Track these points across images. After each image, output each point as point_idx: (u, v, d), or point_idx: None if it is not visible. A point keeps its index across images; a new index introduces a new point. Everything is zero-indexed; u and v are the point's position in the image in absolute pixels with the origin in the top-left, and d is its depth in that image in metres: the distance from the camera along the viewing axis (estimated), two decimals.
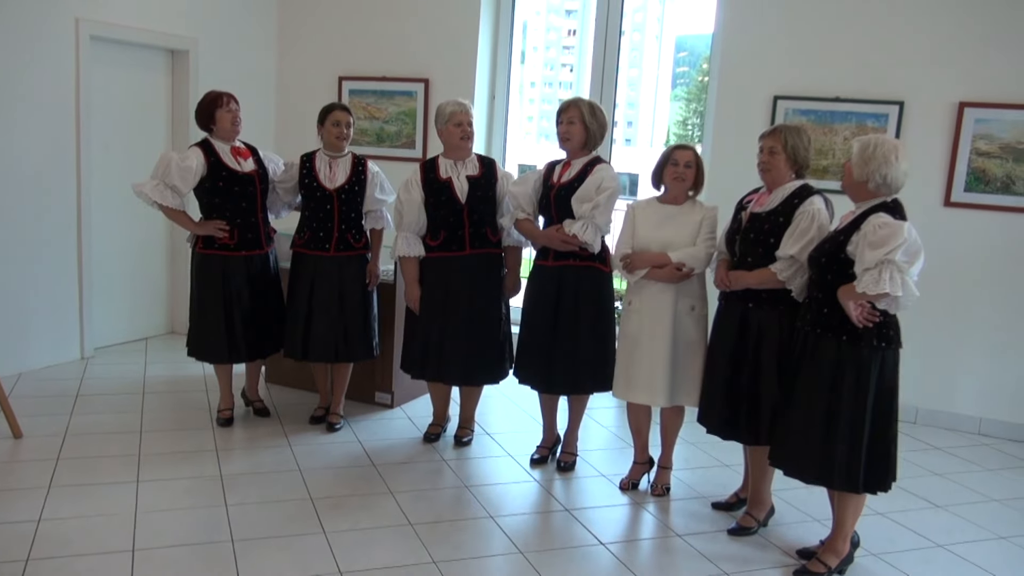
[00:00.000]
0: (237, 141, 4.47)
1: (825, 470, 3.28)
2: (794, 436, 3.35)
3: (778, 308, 3.53)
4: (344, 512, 3.69)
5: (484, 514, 3.78)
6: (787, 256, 3.44)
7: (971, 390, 5.36)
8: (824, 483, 3.34)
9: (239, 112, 4.42)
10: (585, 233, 3.98)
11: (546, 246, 4.14)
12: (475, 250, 4.29)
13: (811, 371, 3.29)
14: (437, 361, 4.36)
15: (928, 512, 4.12)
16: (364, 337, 4.59)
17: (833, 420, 3.23)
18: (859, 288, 3.06)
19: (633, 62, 38.24)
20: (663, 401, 3.89)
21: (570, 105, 4.13)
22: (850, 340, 3.19)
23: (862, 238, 3.11)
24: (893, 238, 3.03)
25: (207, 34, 6.28)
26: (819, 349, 3.26)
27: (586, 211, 4.00)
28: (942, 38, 5.16)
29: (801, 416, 3.31)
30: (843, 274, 3.18)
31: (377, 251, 4.59)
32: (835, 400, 3.23)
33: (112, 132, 5.86)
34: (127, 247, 6.12)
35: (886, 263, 3.02)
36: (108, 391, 5.12)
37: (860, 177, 3.20)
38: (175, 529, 3.45)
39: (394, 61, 6.52)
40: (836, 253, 3.20)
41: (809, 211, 3.45)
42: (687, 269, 3.79)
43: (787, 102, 5.46)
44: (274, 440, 4.49)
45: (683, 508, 3.98)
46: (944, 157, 5.21)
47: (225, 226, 4.40)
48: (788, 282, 3.45)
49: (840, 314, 3.19)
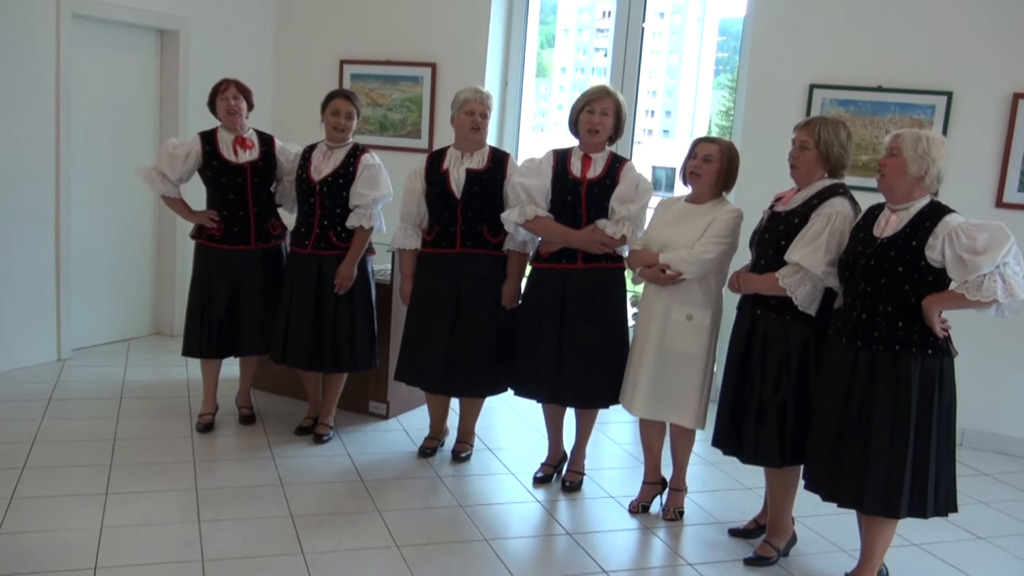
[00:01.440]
0: (247, 131, 4.54)
1: (869, 492, 3.24)
2: (833, 457, 3.30)
3: (784, 317, 3.48)
4: (326, 531, 3.69)
5: (479, 537, 3.76)
6: (792, 261, 3.39)
7: (1023, 410, 5.27)
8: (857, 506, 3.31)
9: (238, 101, 4.48)
10: (632, 235, 3.99)
11: (573, 247, 4.06)
12: (466, 249, 4.25)
13: (889, 392, 3.20)
14: (437, 371, 4.33)
15: (969, 544, 4.04)
16: (350, 346, 4.54)
17: (923, 446, 3.20)
18: (977, 296, 3.02)
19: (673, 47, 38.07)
20: (641, 411, 3.90)
21: (605, 94, 4.07)
22: (935, 354, 3.17)
23: (950, 243, 3.07)
24: (1002, 239, 3.03)
25: (198, 13, 6.31)
26: (898, 367, 3.18)
27: (631, 212, 3.99)
28: (994, 22, 5.08)
29: (886, 446, 3.21)
30: (923, 283, 3.15)
31: (354, 252, 4.45)
32: (923, 419, 3.18)
33: (95, 118, 5.91)
34: (110, 241, 6.16)
35: (1004, 266, 3.02)
36: (84, 395, 5.15)
37: (917, 172, 3.17)
38: (142, 547, 3.45)
39: (399, 44, 6.52)
40: (915, 261, 3.14)
41: (825, 213, 3.40)
42: (672, 272, 3.74)
43: (824, 91, 5.40)
44: (257, 452, 4.49)
45: (697, 534, 3.94)
46: (996, 153, 5.13)
47: (216, 216, 4.50)
48: (789, 289, 3.39)
49: (922, 327, 3.15)
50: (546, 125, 30.33)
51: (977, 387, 5.23)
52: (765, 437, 3.53)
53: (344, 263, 4.44)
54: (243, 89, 4.52)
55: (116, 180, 6.00)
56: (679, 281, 3.75)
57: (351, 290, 4.48)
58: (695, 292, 3.81)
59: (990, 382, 5.27)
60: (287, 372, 4.98)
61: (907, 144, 3.19)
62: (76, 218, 5.79)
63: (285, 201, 4.72)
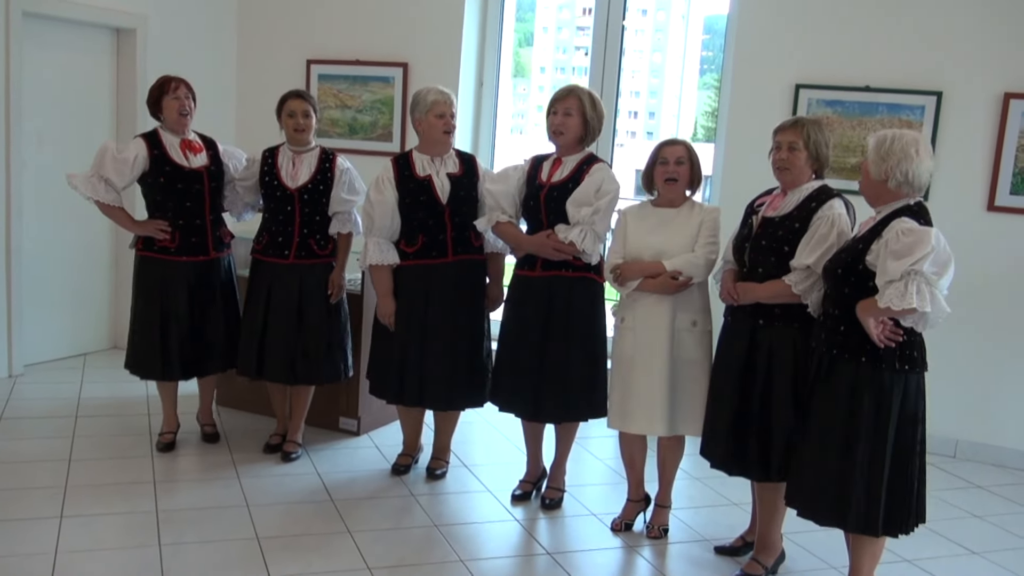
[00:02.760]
0: (191, 133, 4.52)
1: (838, 509, 3.28)
2: (807, 470, 3.36)
3: (792, 326, 3.53)
4: (294, 553, 3.70)
5: (454, 557, 3.78)
6: (803, 266, 3.44)
7: (1018, 421, 5.34)
8: (837, 524, 3.34)
9: (189, 101, 4.47)
10: (584, 241, 3.98)
11: (532, 254, 4.14)
12: (459, 256, 4.30)
13: (826, 397, 3.30)
14: (418, 384, 4.34)
15: (962, 560, 4.10)
16: (330, 357, 4.59)
17: (848, 453, 3.23)
18: (882, 303, 3.06)
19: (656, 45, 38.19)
20: (663, 430, 3.88)
21: (568, 93, 4.12)
22: (869, 362, 3.19)
23: (883, 247, 3.11)
24: (919, 246, 3.03)
25: (157, 10, 6.32)
26: (834, 372, 3.27)
27: (585, 216, 3.99)
28: (985, 20, 5.17)
29: (815, 448, 3.32)
30: (862, 287, 3.19)
31: (343, 258, 4.58)
32: (852, 430, 3.23)
33: (47, 122, 5.90)
34: (64, 252, 6.15)
35: (912, 274, 3.02)
36: (36, 414, 5.14)
37: (879, 175, 3.22)
38: (100, 572, 3.44)
39: (369, 43, 6.55)
40: (854, 264, 3.21)
41: (829, 216, 3.45)
42: (684, 278, 3.79)
43: (810, 91, 5.47)
44: (221, 471, 4.49)
45: (682, 552, 3.98)
46: (987, 155, 5.21)
47: (167, 226, 4.44)
48: (803, 296, 3.45)
49: (859, 333, 3.19)
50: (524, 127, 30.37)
51: (971, 398, 5.31)
52: (778, 453, 3.54)
53: (336, 271, 4.54)
54: (191, 89, 4.50)
55: (70, 188, 5.95)
56: (689, 287, 3.82)
57: (329, 298, 4.55)
58: (695, 298, 3.88)
59: (984, 392, 5.35)
60: (253, 387, 4.99)
61: (870, 146, 3.25)
62: (28, 229, 5.78)
63: (233, 208, 4.68)
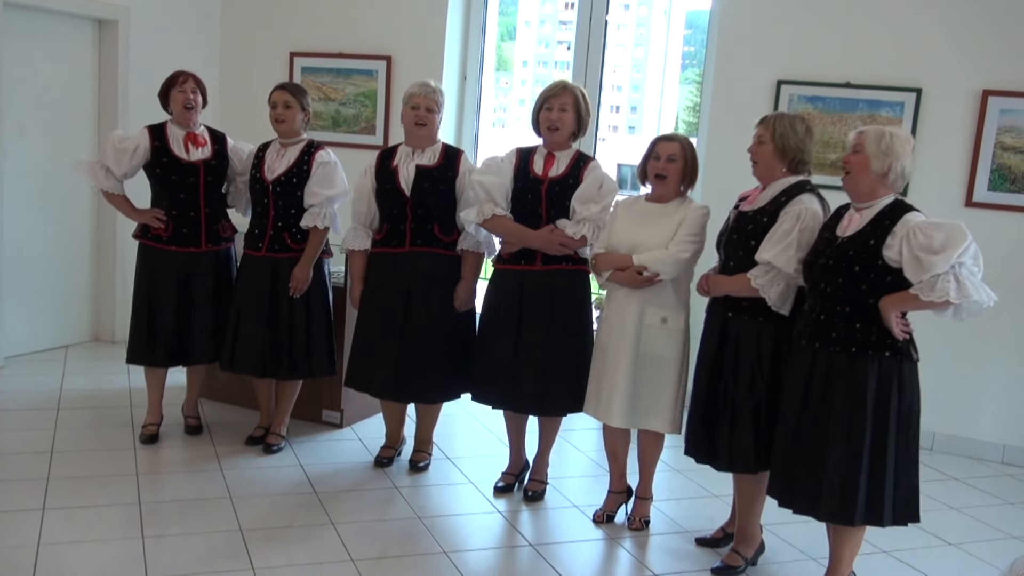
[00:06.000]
0: (199, 127, 4.54)
1: (869, 506, 3.28)
2: (818, 470, 3.31)
3: (757, 320, 3.55)
4: (277, 546, 3.69)
5: (437, 549, 3.78)
6: (763, 261, 3.46)
7: (994, 414, 5.39)
8: (843, 520, 3.33)
9: (195, 95, 4.49)
10: (594, 236, 4.02)
11: (531, 249, 4.10)
12: (416, 248, 4.28)
13: (845, 396, 3.25)
14: (369, 370, 4.38)
15: (939, 551, 4.14)
16: (307, 351, 4.56)
17: (880, 449, 3.24)
18: (930, 297, 3.05)
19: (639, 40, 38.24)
20: (619, 421, 3.92)
21: (563, 89, 4.12)
22: (892, 356, 3.22)
23: (907, 242, 3.12)
24: (957, 238, 3.06)
25: (140, 1, 6.26)
26: (854, 370, 3.24)
27: (594, 213, 4.02)
28: (965, 18, 5.20)
29: (841, 451, 3.27)
30: (881, 283, 3.20)
31: (311, 253, 4.46)
32: (879, 424, 3.23)
33: (29, 114, 5.85)
34: (46, 243, 6.10)
35: (959, 266, 3.06)
36: (17, 406, 5.10)
37: (880, 169, 3.24)
38: (82, 565, 3.43)
39: (352, 36, 6.52)
40: (872, 260, 3.20)
41: (794, 211, 3.46)
42: (649, 274, 3.79)
43: (792, 87, 5.49)
44: (204, 463, 4.48)
45: (663, 544, 3.99)
46: (966, 152, 5.25)
47: (163, 216, 4.47)
48: (762, 290, 3.46)
49: (880, 328, 3.21)
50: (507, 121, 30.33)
51: (948, 390, 5.35)
52: (739, 443, 3.58)
53: (299, 265, 4.45)
54: (200, 83, 4.53)
55: (52, 179, 5.95)
56: (655, 283, 3.81)
57: (307, 293, 4.50)
58: (668, 294, 3.87)
59: (960, 385, 5.39)
60: (236, 380, 4.96)
61: (870, 140, 3.26)
62: (9, 220, 5.72)
63: (238, 203, 4.71)
